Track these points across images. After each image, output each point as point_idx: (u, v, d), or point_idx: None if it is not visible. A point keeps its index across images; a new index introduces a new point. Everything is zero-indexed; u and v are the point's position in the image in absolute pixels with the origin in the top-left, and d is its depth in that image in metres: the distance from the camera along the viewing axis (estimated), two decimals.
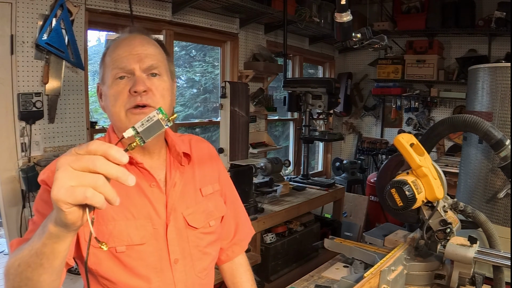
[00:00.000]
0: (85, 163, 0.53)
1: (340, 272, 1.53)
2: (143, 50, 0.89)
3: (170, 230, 0.92)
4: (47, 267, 0.65)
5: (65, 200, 0.53)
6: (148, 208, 0.90)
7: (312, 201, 2.95)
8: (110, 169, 0.53)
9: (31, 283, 0.67)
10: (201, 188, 1.02)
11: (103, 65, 0.92)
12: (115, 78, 0.87)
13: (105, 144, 0.54)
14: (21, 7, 2.12)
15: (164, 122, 0.63)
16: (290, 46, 4.10)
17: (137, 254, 0.88)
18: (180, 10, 3.00)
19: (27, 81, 2.19)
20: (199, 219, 0.98)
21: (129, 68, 0.86)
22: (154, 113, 0.63)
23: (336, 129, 5.39)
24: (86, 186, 0.53)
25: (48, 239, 0.61)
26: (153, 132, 0.63)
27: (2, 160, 2.13)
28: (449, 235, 1.24)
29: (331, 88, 3.12)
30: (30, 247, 0.65)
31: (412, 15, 4.53)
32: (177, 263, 0.93)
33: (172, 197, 0.94)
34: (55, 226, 0.59)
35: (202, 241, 0.99)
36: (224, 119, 2.45)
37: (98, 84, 0.95)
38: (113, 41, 0.93)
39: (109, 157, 0.54)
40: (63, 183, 0.53)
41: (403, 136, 1.24)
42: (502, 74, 1.66)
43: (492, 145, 1.44)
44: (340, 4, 1.64)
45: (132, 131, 0.62)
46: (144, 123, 0.62)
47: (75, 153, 0.54)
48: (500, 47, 4.29)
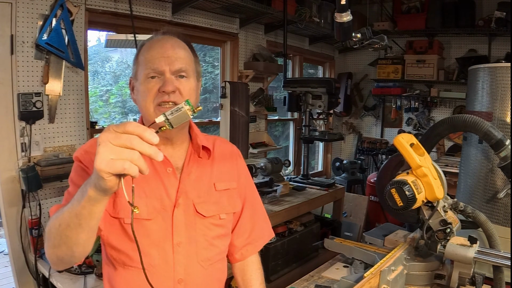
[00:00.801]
0: (124, 141, 0.63)
1: (340, 272, 1.53)
2: (174, 53, 0.97)
3: (177, 212, 0.99)
4: (84, 227, 0.75)
5: (106, 170, 0.63)
6: (160, 190, 0.99)
7: (312, 201, 2.95)
8: (144, 147, 0.64)
9: (70, 241, 0.77)
10: (215, 183, 1.08)
11: (136, 62, 1.01)
12: (147, 77, 0.95)
13: (141, 127, 0.64)
14: (21, 7, 2.12)
15: (190, 112, 0.73)
16: (290, 46, 4.10)
17: (142, 228, 0.95)
18: (180, 10, 3.00)
19: (27, 81, 2.19)
20: (209, 209, 1.04)
21: (160, 70, 0.95)
22: (182, 104, 0.73)
23: (336, 129, 5.39)
24: (124, 159, 0.63)
25: (87, 202, 0.71)
26: (180, 120, 0.73)
27: (2, 160, 2.13)
28: (449, 235, 1.24)
29: (331, 88, 3.12)
30: (70, 210, 0.75)
31: (412, 15, 4.53)
32: (180, 245, 0.99)
33: (185, 183, 1.01)
34: (94, 191, 0.69)
35: (211, 231, 1.05)
36: (224, 119, 2.45)
37: (131, 79, 1.04)
38: (148, 41, 1.02)
39: (143, 137, 0.64)
40: (105, 156, 0.63)
41: (403, 136, 1.24)
42: (502, 74, 1.66)
43: (492, 145, 1.44)
44: (340, 4, 1.64)
45: (162, 117, 0.72)
46: (173, 112, 0.72)
47: (113, 131, 0.64)
48: (500, 47, 4.29)
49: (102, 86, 3.83)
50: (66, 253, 0.81)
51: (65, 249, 0.79)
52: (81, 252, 0.81)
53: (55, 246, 0.80)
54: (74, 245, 0.78)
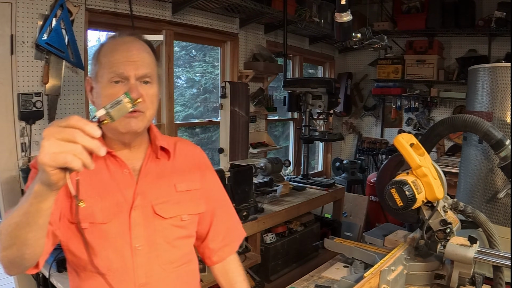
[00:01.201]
0: (66, 135, 0.64)
1: (340, 272, 1.53)
2: (140, 58, 0.95)
3: (134, 214, 0.97)
4: (32, 225, 0.75)
5: (49, 163, 0.64)
6: (116, 192, 0.97)
7: (312, 201, 2.95)
8: (86, 141, 0.65)
9: (19, 240, 0.77)
10: (176, 184, 1.05)
11: (97, 63, 0.97)
12: (111, 81, 0.93)
13: (82, 120, 0.66)
14: (21, 7, 2.12)
15: (129, 105, 0.75)
16: (290, 46, 4.09)
17: (99, 232, 0.94)
18: (180, 10, 3.00)
19: (27, 81, 2.19)
20: (168, 210, 1.01)
21: (126, 75, 0.92)
22: (121, 97, 0.74)
23: (336, 129, 5.39)
24: (66, 152, 0.64)
25: (34, 198, 0.71)
26: (120, 113, 0.74)
27: (2, 160, 2.13)
28: (449, 235, 1.24)
29: (331, 88, 3.12)
30: (19, 209, 0.75)
31: (412, 15, 4.53)
32: (139, 248, 0.97)
33: (142, 184, 0.99)
34: (40, 186, 0.70)
35: (171, 233, 1.02)
36: (224, 119, 2.45)
37: (89, 79, 1.00)
38: (110, 40, 0.99)
39: (85, 131, 0.65)
40: (48, 150, 0.64)
41: (403, 136, 1.24)
42: (502, 74, 1.66)
43: (492, 145, 1.44)
44: (340, 4, 1.64)
45: (103, 110, 0.73)
46: (113, 105, 0.74)
47: (57, 125, 0.65)
48: (500, 47, 4.29)
49: None
50: (17, 255, 0.79)
51: (15, 250, 0.78)
52: (30, 253, 0.80)
53: (5, 248, 0.79)
54: (23, 245, 0.77)
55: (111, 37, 1.01)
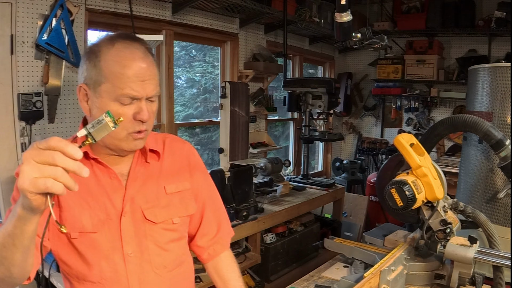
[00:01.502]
0: (46, 158, 0.62)
1: (340, 272, 1.53)
2: (150, 75, 0.90)
3: (124, 221, 0.94)
4: (18, 246, 0.73)
5: (29, 190, 0.62)
6: (104, 199, 0.94)
7: (312, 201, 2.95)
8: (67, 163, 0.63)
9: (6, 261, 0.76)
10: (165, 186, 1.02)
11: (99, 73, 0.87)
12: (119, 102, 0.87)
13: (63, 142, 0.63)
14: (21, 7, 2.12)
15: (111, 124, 0.71)
16: (290, 46, 4.09)
17: (89, 241, 0.92)
18: (180, 10, 3.00)
19: (27, 81, 2.19)
20: (159, 214, 0.99)
21: (138, 98, 0.88)
22: (103, 116, 0.71)
23: (336, 129, 5.39)
24: (47, 177, 0.62)
25: (17, 221, 0.70)
26: (102, 133, 0.71)
27: (2, 160, 2.13)
28: (449, 235, 1.24)
29: (331, 88, 3.12)
30: (4, 230, 0.73)
31: (412, 15, 4.53)
32: (131, 255, 0.95)
33: (131, 190, 0.96)
34: (22, 210, 0.68)
35: (162, 237, 1.00)
36: (224, 119, 2.45)
37: (84, 87, 0.90)
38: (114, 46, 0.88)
39: (66, 153, 0.63)
40: (28, 174, 0.62)
41: (403, 136, 1.24)
42: (502, 74, 1.66)
43: (492, 145, 1.44)
44: (340, 4, 1.64)
45: (84, 131, 0.70)
46: (94, 125, 0.71)
47: (37, 147, 0.63)
48: (500, 47, 4.29)
49: None
50: (5, 274, 0.78)
51: (3, 269, 0.77)
52: (18, 273, 0.79)
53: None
54: (11, 265, 0.76)
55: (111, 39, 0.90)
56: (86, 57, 0.91)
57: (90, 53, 0.90)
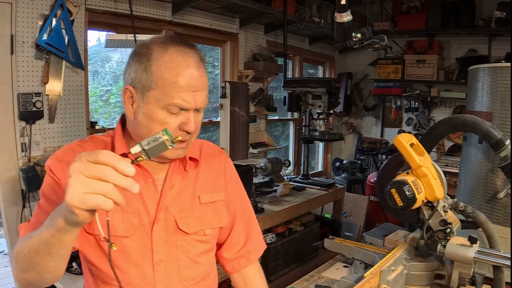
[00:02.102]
0: (96, 173, 0.59)
1: (340, 272, 1.53)
2: (202, 86, 0.86)
3: (156, 229, 0.91)
4: (54, 255, 0.71)
5: (78, 206, 0.59)
6: (138, 204, 0.91)
7: (312, 201, 2.95)
8: (119, 180, 0.59)
9: (39, 267, 0.74)
10: (200, 195, 0.99)
11: (149, 78, 0.83)
12: (167, 110, 0.83)
13: (115, 157, 0.59)
14: (21, 7, 2.12)
15: (168, 143, 0.68)
16: (290, 46, 4.09)
17: (119, 246, 0.88)
18: (180, 10, 3.00)
19: (27, 81, 2.19)
20: (192, 225, 0.96)
21: (187, 108, 0.84)
22: (160, 134, 0.67)
23: (336, 129, 5.38)
24: (97, 193, 0.59)
25: (57, 231, 0.67)
26: (157, 151, 0.68)
27: (2, 160, 2.13)
28: (449, 235, 1.24)
29: (331, 88, 3.12)
30: (39, 236, 0.71)
31: (412, 15, 4.53)
32: (160, 264, 0.92)
33: (166, 197, 0.93)
34: (65, 223, 0.65)
35: (194, 248, 0.97)
36: (224, 119, 2.45)
37: (131, 89, 0.86)
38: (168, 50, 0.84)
39: (118, 169, 0.59)
40: (76, 190, 0.58)
41: (403, 136, 1.24)
42: (502, 74, 1.65)
43: (492, 145, 1.44)
44: (340, 4, 1.64)
45: (139, 147, 0.66)
46: (150, 142, 0.67)
47: (85, 160, 0.59)
48: (500, 47, 4.29)
49: (102, 86, 3.83)
50: (36, 279, 0.77)
51: (34, 274, 0.76)
52: (50, 278, 0.78)
53: (23, 270, 0.77)
54: (43, 272, 0.75)
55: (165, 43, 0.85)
56: (136, 58, 0.86)
57: (141, 55, 0.85)
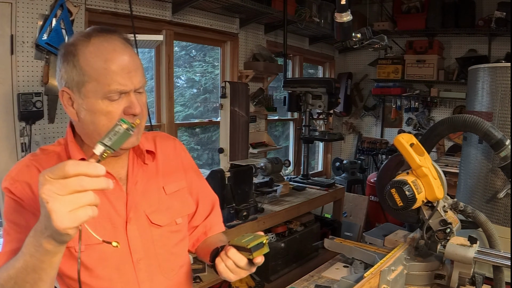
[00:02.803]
0: (73, 187, 0.57)
1: (340, 272, 1.53)
2: (134, 66, 0.84)
3: (130, 228, 0.91)
4: (46, 280, 0.69)
5: (71, 226, 0.58)
6: (107, 207, 0.89)
7: (312, 201, 2.95)
8: (96, 184, 0.59)
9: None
10: (164, 186, 0.99)
11: (81, 72, 0.81)
12: (107, 99, 0.81)
13: (82, 164, 0.58)
14: (21, 7, 2.12)
15: (129, 131, 0.67)
16: (290, 46, 4.09)
17: (97, 253, 0.87)
18: (180, 10, 3.00)
19: (27, 81, 2.19)
20: (163, 217, 0.96)
21: (126, 91, 0.82)
22: (119, 126, 0.66)
23: (336, 129, 5.39)
24: (84, 206, 0.58)
25: (45, 255, 0.65)
26: (121, 141, 0.67)
27: (2, 160, 2.12)
28: (449, 235, 1.24)
29: (331, 88, 3.12)
30: (24, 265, 0.68)
31: (412, 15, 4.53)
32: (140, 262, 0.92)
33: (133, 195, 0.93)
34: (53, 244, 0.64)
35: (169, 240, 0.98)
36: (224, 119, 2.44)
37: (67, 90, 0.83)
38: (90, 42, 0.81)
39: (90, 175, 0.58)
40: (62, 212, 0.57)
41: (403, 136, 1.24)
42: (502, 74, 1.65)
43: (492, 145, 1.44)
44: (340, 4, 1.64)
45: (101, 146, 0.64)
46: (111, 137, 0.65)
47: (53, 180, 0.57)
48: (500, 47, 4.29)
49: None
50: None
51: None
52: None
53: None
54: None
55: (86, 35, 0.83)
56: (63, 59, 0.83)
57: (66, 54, 0.82)
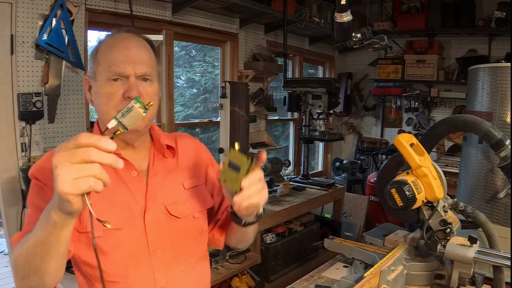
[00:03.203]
0: (81, 156, 0.60)
1: (340, 272, 1.53)
2: (139, 56, 0.91)
3: (148, 217, 0.93)
4: (53, 254, 0.71)
5: (72, 192, 0.60)
6: (127, 196, 0.93)
7: (312, 201, 2.95)
8: (103, 158, 0.61)
9: (40, 270, 0.73)
10: (183, 182, 1.03)
11: (95, 60, 0.93)
12: (109, 80, 0.89)
13: (94, 136, 0.61)
14: (21, 7, 2.12)
15: (141, 110, 0.70)
16: (290, 46, 4.09)
17: (114, 239, 0.89)
18: (180, 10, 3.00)
19: (27, 81, 2.19)
20: (181, 209, 0.99)
21: (125, 74, 0.89)
22: (132, 103, 0.70)
23: (336, 129, 5.38)
24: (87, 176, 0.60)
25: (53, 228, 0.67)
26: (133, 120, 0.70)
27: (2, 160, 2.12)
28: (449, 235, 1.24)
29: (331, 88, 3.12)
30: (35, 238, 0.70)
31: (412, 15, 4.53)
32: (156, 252, 0.94)
33: (153, 186, 0.96)
34: (59, 216, 0.65)
35: (187, 233, 1.00)
36: (224, 119, 2.45)
37: (88, 78, 0.96)
38: (108, 38, 0.95)
39: (99, 147, 0.60)
40: (66, 177, 0.59)
41: (403, 136, 1.24)
42: (502, 74, 1.66)
43: (492, 145, 1.44)
44: (340, 4, 1.64)
45: (114, 121, 0.68)
46: (124, 113, 0.69)
47: (66, 148, 0.60)
48: (500, 47, 4.29)
49: None
50: (38, 283, 0.76)
51: (36, 279, 0.75)
52: (52, 280, 0.77)
53: (24, 277, 0.76)
54: (44, 274, 0.74)
55: (109, 34, 0.97)
56: (91, 53, 0.97)
57: (93, 49, 0.96)
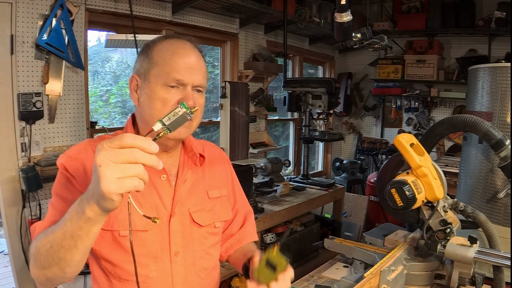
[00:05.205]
0: (126, 156, 0.61)
1: (340, 272, 1.53)
2: (198, 67, 0.93)
3: (173, 222, 0.96)
4: (80, 248, 0.72)
5: (116, 192, 0.61)
6: (155, 199, 0.95)
7: (312, 201, 2.95)
8: (147, 160, 0.62)
9: (63, 262, 0.74)
10: (208, 191, 1.06)
11: (151, 61, 0.92)
12: (166, 85, 0.90)
13: (138, 138, 0.62)
14: (21, 7, 2.12)
15: (187, 115, 0.73)
16: (290, 46, 4.10)
17: (139, 240, 0.91)
18: (180, 10, 3.00)
19: (27, 81, 2.19)
20: (205, 218, 1.02)
21: (184, 82, 0.90)
22: (178, 108, 0.73)
23: (336, 129, 5.39)
24: (132, 176, 0.61)
25: (85, 223, 0.68)
26: (178, 124, 0.72)
27: (2, 160, 2.12)
28: (449, 235, 1.24)
29: (331, 88, 3.12)
30: (63, 230, 0.71)
31: (412, 15, 4.53)
32: (177, 255, 0.96)
33: (180, 191, 0.98)
34: (95, 212, 0.66)
35: (207, 240, 1.03)
36: (224, 119, 2.45)
37: (135, 76, 0.95)
38: (166, 40, 0.95)
39: (144, 149, 0.62)
40: (111, 177, 0.60)
41: (403, 136, 1.24)
42: (502, 74, 1.66)
43: (492, 145, 1.44)
44: (340, 4, 1.64)
45: (160, 124, 0.70)
46: (170, 117, 0.71)
47: (110, 148, 0.61)
48: (500, 47, 4.29)
49: (102, 86, 3.83)
50: (57, 274, 0.77)
51: (56, 270, 0.76)
52: (73, 272, 0.78)
53: (44, 267, 0.77)
54: (67, 266, 0.75)
55: (165, 36, 0.97)
56: (141, 52, 0.97)
57: (144, 47, 0.96)
